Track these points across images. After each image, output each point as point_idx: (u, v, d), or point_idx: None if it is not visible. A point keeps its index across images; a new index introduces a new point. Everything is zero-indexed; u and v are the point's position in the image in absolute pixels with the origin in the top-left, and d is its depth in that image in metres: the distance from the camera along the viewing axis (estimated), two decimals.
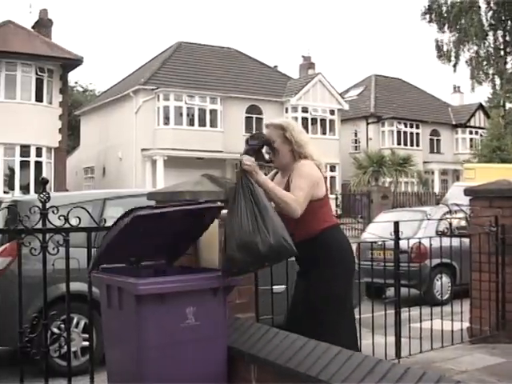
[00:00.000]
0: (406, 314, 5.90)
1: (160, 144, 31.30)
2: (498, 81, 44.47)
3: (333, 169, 36.33)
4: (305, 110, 35.69)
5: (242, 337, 3.61)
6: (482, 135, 42.05)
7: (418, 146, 41.91)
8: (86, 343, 6.24)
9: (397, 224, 5.86)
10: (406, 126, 41.85)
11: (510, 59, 44.65)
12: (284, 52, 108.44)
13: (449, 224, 6.40)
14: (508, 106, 42.19)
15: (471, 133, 45.04)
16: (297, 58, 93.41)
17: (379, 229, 9.81)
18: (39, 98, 26.75)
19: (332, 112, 36.88)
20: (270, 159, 4.01)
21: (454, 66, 45.84)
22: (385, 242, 5.95)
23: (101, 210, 6.79)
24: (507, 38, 44.48)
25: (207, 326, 3.38)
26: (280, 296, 4.86)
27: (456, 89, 51.15)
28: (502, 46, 44.95)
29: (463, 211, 7.03)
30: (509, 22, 44.28)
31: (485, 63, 44.81)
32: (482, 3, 43.20)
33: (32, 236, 3.80)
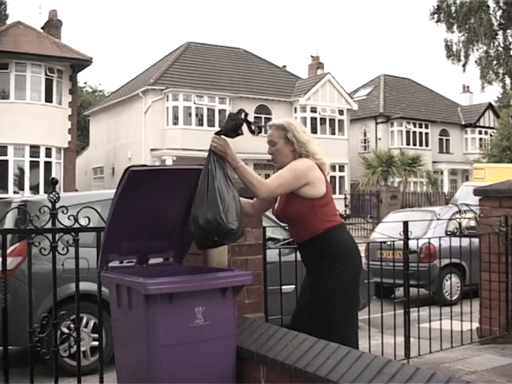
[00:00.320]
0: (415, 314, 5.88)
1: (169, 144, 31.39)
2: (508, 80, 44.22)
3: (342, 169, 36.34)
4: (314, 109, 35.68)
5: (251, 337, 3.60)
6: (491, 135, 41.93)
7: (427, 145, 41.85)
8: (95, 343, 6.27)
9: (406, 224, 5.85)
10: (415, 126, 41.79)
11: None
12: (293, 52, 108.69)
13: (458, 224, 6.36)
14: None
15: (481, 133, 44.95)
16: (305, 58, 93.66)
17: (388, 229, 9.78)
18: (49, 99, 26.88)
19: (341, 112, 36.87)
20: (272, 159, 4.00)
21: (464, 65, 45.55)
22: (394, 242, 5.93)
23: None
24: None
25: (216, 325, 3.38)
26: (289, 296, 4.87)
27: (465, 88, 51.08)
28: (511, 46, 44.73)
29: (473, 211, 7.00)
30: None
31: (495, 63, 44.54)
32: (491, 3, 42.90)
33: (42, 236, 3.81)
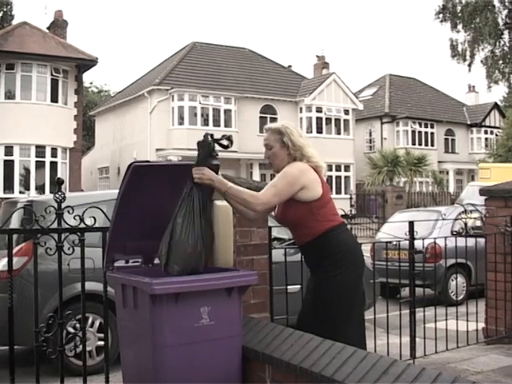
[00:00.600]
0: (420, 314, 5.88)
1: (174, 144, 31.39)
2: None
3: (347, 169, 36.31)
4: (319, 109, 35.64)
5: (257, 336, 3.61)
6: (497, 135, 41.80)
7: (432, 145, 41.76)
8: (101, 343, 6.29)
9: (412, 224, 5.84)
10: (420, 126, 41.70)
11: None
12: (298, 52, 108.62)
13: (464, 224, 6.35)
14: None
15: (486, 132, 44.84)
16: (311, 58, 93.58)
17: (394, 229, 9.77)
18: (54, 99, 26.93)
19: (346, 112, 36.82)
20: (268, 163, 4.00)
21: (469, 65, 45.41)
22: (399, 241, 5.93)
23: None
24: None
25: (222, 325, 3.38)
26: (295, 296, 4.87)
27: (471, 88, 50.94)
28: None
29: (478, 211, 6.98)
30: None
31: (500, 62, 44.43)
32: (496, 2, 42.71)
33: (47, 236, 3.82)
